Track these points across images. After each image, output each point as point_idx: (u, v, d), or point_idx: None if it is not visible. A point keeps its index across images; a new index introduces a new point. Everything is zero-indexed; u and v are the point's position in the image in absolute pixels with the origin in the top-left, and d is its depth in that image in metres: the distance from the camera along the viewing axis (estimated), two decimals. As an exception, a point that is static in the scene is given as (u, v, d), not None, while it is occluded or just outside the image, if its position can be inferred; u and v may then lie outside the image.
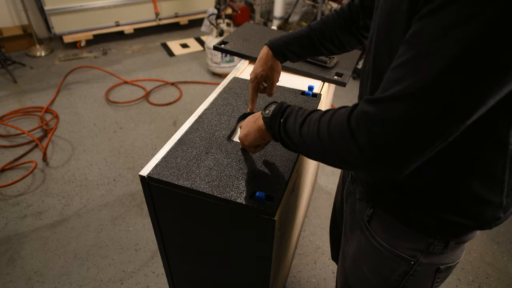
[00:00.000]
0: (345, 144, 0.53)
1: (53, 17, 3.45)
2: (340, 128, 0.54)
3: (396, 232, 0.72)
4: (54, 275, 1.63)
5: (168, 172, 0.85)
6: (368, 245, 0.78)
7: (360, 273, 0.84)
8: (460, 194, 0.62)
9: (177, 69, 3.43)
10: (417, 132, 0.47)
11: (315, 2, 3.78)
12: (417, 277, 0.75)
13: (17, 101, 2.86)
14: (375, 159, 0.51)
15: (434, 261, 0.72)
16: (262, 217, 0.77)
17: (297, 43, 0.91)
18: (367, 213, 0.77)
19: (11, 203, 1.98)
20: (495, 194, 0.62)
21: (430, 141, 0.47)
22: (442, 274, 0.75)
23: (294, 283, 1.63)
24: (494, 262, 1.75)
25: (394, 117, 0.47)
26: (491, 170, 0.60)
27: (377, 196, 0.74)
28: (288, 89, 1.18)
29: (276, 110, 0.70)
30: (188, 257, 1.05)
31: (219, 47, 1.39)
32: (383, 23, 0.60)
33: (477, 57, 0.42)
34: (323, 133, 0.58)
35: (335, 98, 3.06)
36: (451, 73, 0.43)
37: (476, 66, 0.42)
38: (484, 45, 0.41)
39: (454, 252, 0.73)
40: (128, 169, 2.24)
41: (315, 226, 1.91)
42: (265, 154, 0.92)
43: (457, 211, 0.64)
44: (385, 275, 0.78)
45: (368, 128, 0.50)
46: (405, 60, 0.48)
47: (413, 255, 0.72)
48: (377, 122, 0.49)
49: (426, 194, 0.65)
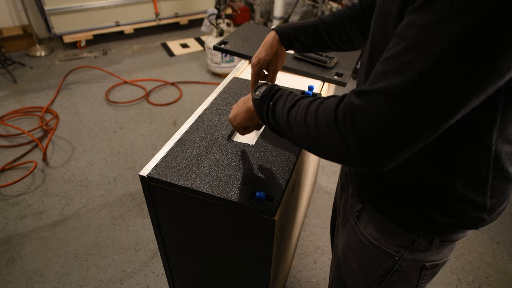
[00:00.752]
0: (329, 133, 0.53)
1: (53, 17, 3.45)
2: (326, 118, 0.54)
3: (382, 228, 0.74)
4: (54, 275, 1.63)
5: (168, 172, 0.85)
6: (356, 239, 0.80)
7: (348, 266, 0.86)
8: (444, 193, 0.63)
9: (177, 69, 3.43)
10: (400, 128, 0.47)
11: (315, 2, 3.78)
12: (402, 272, 0.75)
13: (17, 101, 2.86)
14: (357, 151, 0.50)
15: (419, 258, 0.73)
16: (262, 217, 0.77)
17: (304, 31, 0.89)
18: (357, 208, 0.78)
19: (11, 203, 1.98)
20: (479, 195, 0.62)
21: (412, 137, 0.47)
22: (428, 272, 0.76)
23: (294, 283, 1.63)
24: (494, 262, 1.75)
25: (378, 110, 0.47)
26: (475, 171, 0.60)
27: (366, 192, 0.74)
28: (288, 89, 1.18)
29: (266, 92, 0.69)
30: (188, 257, 1.05)
31: (219, 47, 1.39)
32: (380, 15, 0.60)
33: (464, 54, 0.42)
34: (309, 121, 0.57)
35: (335, 98, 3.06)
36: (436, 70, 0.43)
37: (463, 63, 0.42)
38: (472, 42, 0.41)
39: (442, 250, 0.73)
40: (128, 169, 2.24)
41: (315, 226, 1.91)
42: (265, 154, 0.92)
43: (440, 209, 0.65)
44: (371, 270, 0.79)
45: (352, 119, 0.49)
46: (393, 54, 0.47)
47: (397, 250, 0.73)
48: (362, 114, 0.49)
49: (411, 192, 0.66)
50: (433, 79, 0.43)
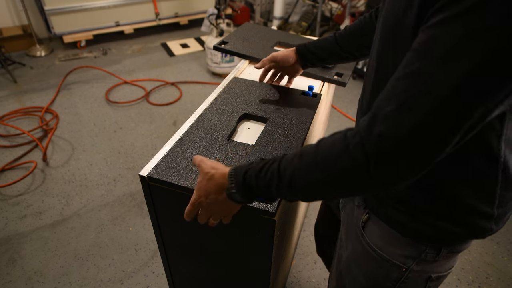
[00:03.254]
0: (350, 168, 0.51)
1: (53, 17, 3.45)
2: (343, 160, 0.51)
3: (389, 239, 0.73)
4: (54, 275, 1.63)
5: (168, 172, 0.85)
6: (362, 250, 0.79)
7: (353, 277, 0.84)
8: (453, 203, 0.63)
9: (177, 69, 3.43)
10: (428, 143, 0.46)
11: (315, 2, 3.78)
12: (408, 284, 0.74)
13: (17, 101, 2.86)
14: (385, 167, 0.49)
15: (425, 269, 0.72)
16: (262, 217, 0.77)
17: (317, 44, 0.99)
18: (363, 218, 0.77)
19: (11, 203, 1.98)
20: (487, 205, 0.62)
21: (439, 149, 0.47)
22: (433, 283, 0.75)
23: (294, 283, 1.63)
24: (494, 262, 1.75)
25: (404, 131, 0.46)
26: (484, 182, 0.60)
27: (373, 202, 0.74)
28: (288, 89, 1.18)
29: (238, 186, 0.62)
30: (188, 257, 1.05)
31: (219, 47, 1.39)
32: (388, 28, 0.59)
33: (493, 67, 0.42)
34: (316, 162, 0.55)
35: (335, 98, 3.06)
36: (465, 85, 0.43)
37: (493, 76, 0.42)
38: (501, 55, 0.41)
39: (447, 261, 0.73)
40: (128, 169, 2.24)
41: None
42: (265, 154, 0.92)
43: (449, 219, 0.64)
44: (377, 281, 0.78)
45: (377, 146, 0.48)
46: (414, 70, 0.46)
47: (404, 262, 0.72)
48: (389, 139, 0.47)
49: (420, 202, 0.65)
50: (461, 94, 0.44)
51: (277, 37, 1.51)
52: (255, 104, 1.10)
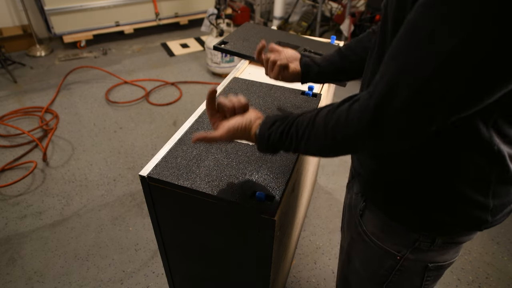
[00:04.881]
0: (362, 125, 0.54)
1: (53, 17, 3.45)
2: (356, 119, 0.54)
3: (384, 227, 0.73)
4: (54, 275, 1.63)
5: (168, 172, 0.85)
6: (359, 239, 0.80)
7: (352, 266, 0.86)
8: (446, 192, 0.63)
9: (177, 69, 3.43)
10: (417, 117, 0.48)
11: (315, 2, 3.78)
12: (404, 273, 0.75)
13: (17, 101, 2.86)
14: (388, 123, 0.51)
15: (421, 258, 0.72)
16: (262, 217, 0.77)
17: (321, 57, 0.95)
18: (360, 206, 0.78)
19: (11, 203, 1.98)
20: (480, 194, 0.62)
21: (428, 123, 0.49)
22: (432, 273, 0.75)
23: (294, 283, 1.63)
24: (494, 262, 1.75)
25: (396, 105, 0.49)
26: (478, 171, 0.60)
27: (369, 190, 0.74)
28: (288, 89, 1.18)
29: (263, 146, 0.69)
30: (188, 257, 1.05)
31: (219, 47, 1.39)
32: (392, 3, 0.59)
33: (474, 50, 0.42)
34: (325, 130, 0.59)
35: (335, 98, 3.06)
36: (452, 63, 0.43)
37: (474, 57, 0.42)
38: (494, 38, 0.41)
39: (447, 251, 0.72)
40: (128, 169, 2.24)
41: (315, 226, 1.91)
42: (265, 154, 0.92)
43: (441, 208, 0.64)
44: (373, 269, 0.79)
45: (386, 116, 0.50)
46: (400, 48, 0.48)
47: (399, 250, 0.73)
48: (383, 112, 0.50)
49: (413, 190, 0.65)
50: (451, 72, 0.44)
51: (277, 37, 1.51)
52: (255, 104, 1.10)
